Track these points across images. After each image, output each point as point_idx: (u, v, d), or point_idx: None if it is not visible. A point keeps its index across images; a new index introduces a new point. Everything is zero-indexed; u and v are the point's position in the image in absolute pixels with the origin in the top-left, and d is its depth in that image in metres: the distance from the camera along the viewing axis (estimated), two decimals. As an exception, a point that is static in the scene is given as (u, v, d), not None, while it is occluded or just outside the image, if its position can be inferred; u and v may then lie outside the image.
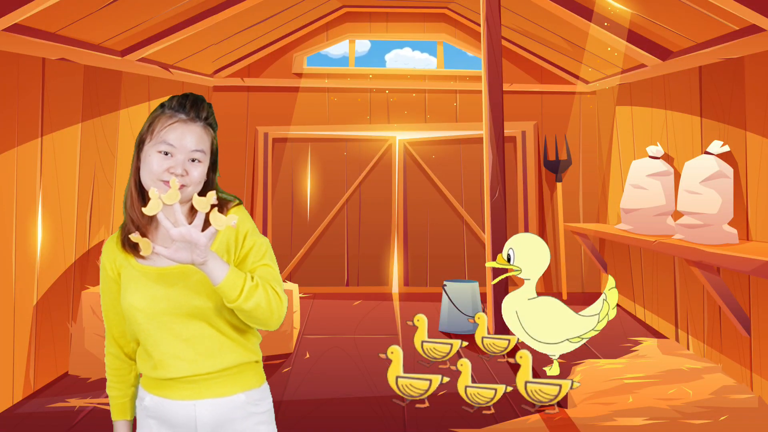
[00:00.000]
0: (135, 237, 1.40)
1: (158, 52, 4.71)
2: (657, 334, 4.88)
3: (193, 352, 1.47)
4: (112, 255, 1.54)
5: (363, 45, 6.96)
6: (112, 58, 4.29)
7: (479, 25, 5.42)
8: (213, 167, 1.53)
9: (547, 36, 5.77)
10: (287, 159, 6.65)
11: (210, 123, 1.52)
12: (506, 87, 5.84)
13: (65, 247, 3.99)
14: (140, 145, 1.50)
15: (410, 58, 6.90)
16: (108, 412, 1.67)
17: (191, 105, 1.49)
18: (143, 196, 1.50)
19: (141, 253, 1.43)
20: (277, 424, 1.62)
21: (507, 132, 6.19)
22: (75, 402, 3.51)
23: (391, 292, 6.62)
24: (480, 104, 5.35)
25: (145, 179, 1.47)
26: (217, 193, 1.51)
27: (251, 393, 1.54)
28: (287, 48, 6.65)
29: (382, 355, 3.55)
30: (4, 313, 3.44)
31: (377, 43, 6.93)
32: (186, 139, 1.46)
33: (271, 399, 1.60)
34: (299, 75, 6.66)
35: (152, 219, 1.51)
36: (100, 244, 4.31)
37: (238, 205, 1.54)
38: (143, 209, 1.36)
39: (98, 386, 3.74)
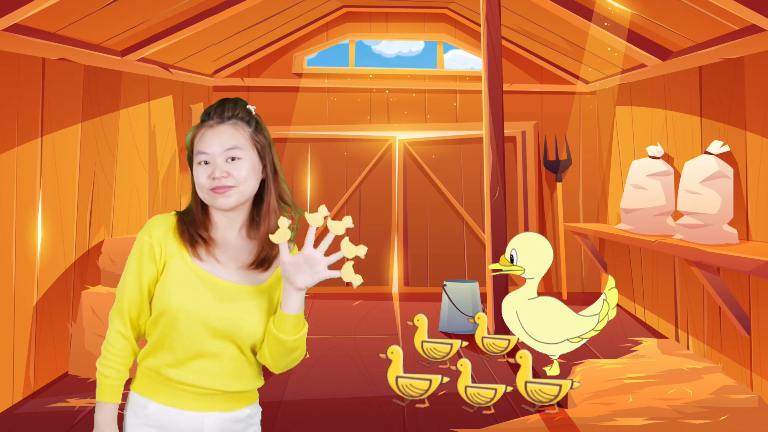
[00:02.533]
0: (282, 221, 1.40)
1: (158, 52, 4.71)
2: (657, 334, 4.88)
3: (219, 368, 1.46)
4: (163, 238, 1.48)
5: (417, 45, 6.95)
6: (112, 58, 4.29)
7: (479, 25, 5.42)
8: (266, 163, 1.51)
9: (547, 36, 5.77)
10: (287, 159, 6.65)
11: (240, 117, 1.50)
12: (506, 87, 5.83)
13: (65, 247, 3.99)
14: (191, 165, 1.51)
15: (467, 58, 6.92)
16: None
17: (215, 109, 1.49)
18: (206, 213, 1.51)
19: (273, 240, 1.40)
20: (276, 424, 1.63)
21: (507, 132, 6.19)
22: (75, 402, 3.51)
23: (391, 292, 6.62)
24: (480, 104, 5.35)
25: (201, 195, 1.48)
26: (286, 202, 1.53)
27: (253, 406, 1.56)
28: (287, 48, 6.66)
29: (382, 355, 3.55)
30: (4, 313, 3.44)
31: (432, 43, 6.93)
32: (215, 141, 1.46)
33: (260, 409, 1.62)
34: (299, 75, 6.66)
35: (213, 230, 1.51)
36: (100, 244, 4.31)
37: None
38: (271, 237, 1.39)
39: (98, 386, 3.74)
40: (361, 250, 1.38)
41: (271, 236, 1.39)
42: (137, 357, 1.52)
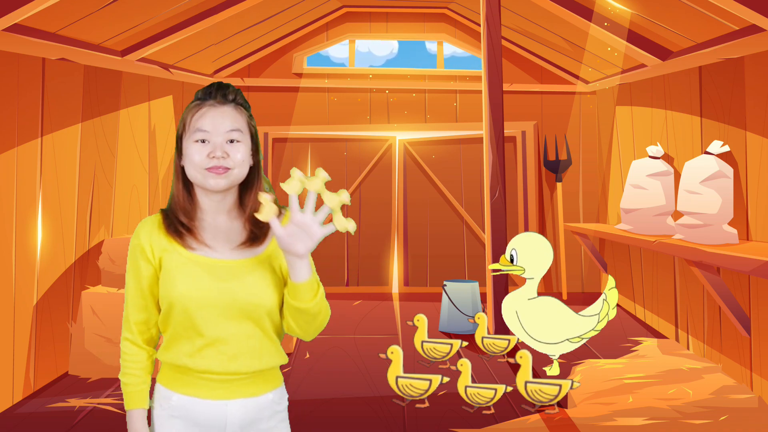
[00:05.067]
0: (263, 197, 1.38)
1: (158, 52, 4.71)
2: (657, 334, 4.88)
3: (237, 349, 1.45)
4: (152, 236, 1.48)
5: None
6: (112, 58, 4.29)
7: (479, 25, 5.42)
8: (256, 150, 1.52)
9: (547, 36, 5.77)
10: (287, 159, 6.65)
11: (240, 103, 1.51)
12: (506, 87, 5.84)
13: (65, 247, 3.99)
14: (179, 142, 1.49)
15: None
16: (108, 412, 1.67)
17: (217, 89, 1.49)
18: (190, 193, 1.50)
19: (261, 218, 1.39)
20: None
21: (507, 132, 6.20)
22: (75, 402, 3.50)
23: (391, 292, 6.62)
24: (480, 104, 5.35)
25: (191, 173, 1.46)
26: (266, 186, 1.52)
27: (276, 392, 1.54)
28: (287, 48, 6.66)
29: (382, 355, 3.55)
30: (4, 313, 3.44)
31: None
32: (218, 121, 1.45)
33: (287, 396, 1.60)
34: (299, 75, 6.66)
35: (201, 215, 1.50)
36: (100, 244, 4.31)
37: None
38: (257, 215, 1.37)
39: (98, 386, 3.74)
40: (344, 195, 1.37)
41: (257, 215, 1.38)
42: (158, 355, 1.53)
